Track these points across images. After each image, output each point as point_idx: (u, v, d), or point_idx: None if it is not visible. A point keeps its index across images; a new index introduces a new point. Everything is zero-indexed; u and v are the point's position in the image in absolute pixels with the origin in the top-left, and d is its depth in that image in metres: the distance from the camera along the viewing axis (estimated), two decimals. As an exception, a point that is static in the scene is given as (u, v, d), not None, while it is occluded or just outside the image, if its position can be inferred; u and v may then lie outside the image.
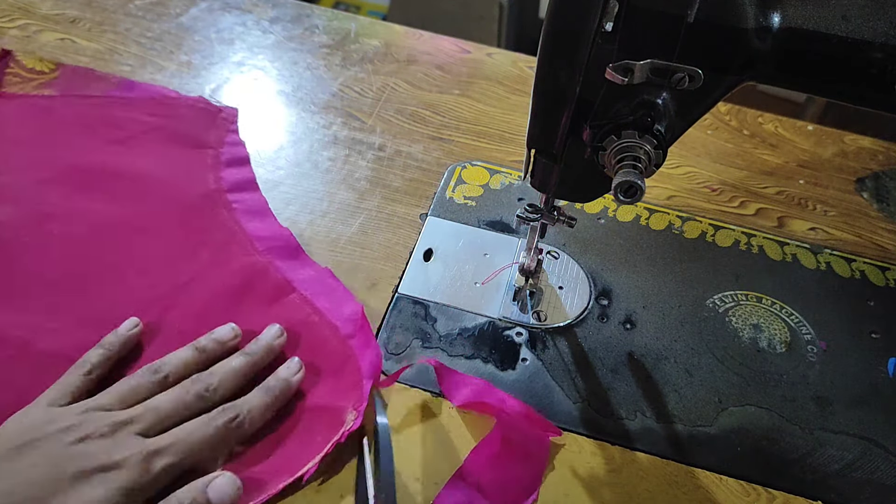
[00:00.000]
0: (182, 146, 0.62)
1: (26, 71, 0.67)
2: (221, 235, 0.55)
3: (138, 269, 0.53)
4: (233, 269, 0.53)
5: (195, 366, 0.46)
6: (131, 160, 0.60)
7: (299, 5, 0.83)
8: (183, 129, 0.63)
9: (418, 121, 0.70)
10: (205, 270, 0.53)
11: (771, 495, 0.46)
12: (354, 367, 0.48)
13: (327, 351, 0.49)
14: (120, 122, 0.63)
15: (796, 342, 0.55)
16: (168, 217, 0.56)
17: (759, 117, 0.76)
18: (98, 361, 0.46)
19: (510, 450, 0.45)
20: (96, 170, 0.59)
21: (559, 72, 0.38)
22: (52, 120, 0.63)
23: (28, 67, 0.68)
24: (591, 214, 0.63)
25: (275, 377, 0.46)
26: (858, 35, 0.35)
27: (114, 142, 0.61)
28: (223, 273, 0.53)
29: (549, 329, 0.53)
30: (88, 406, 0.42)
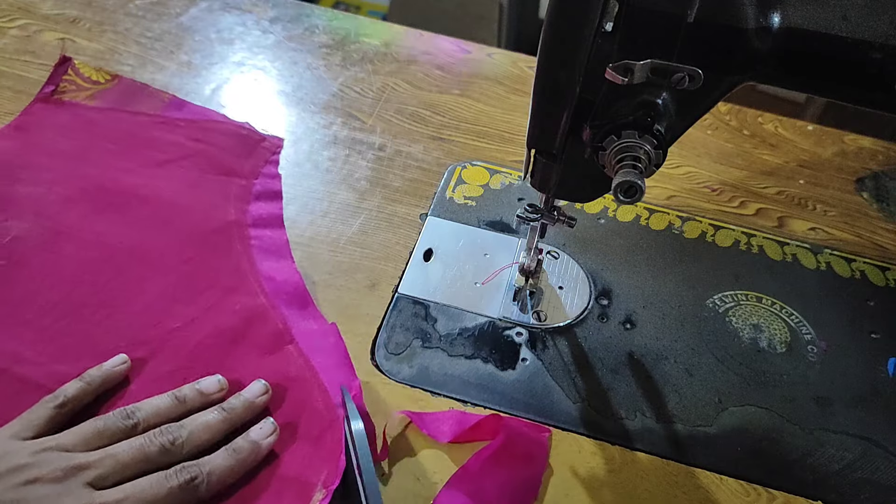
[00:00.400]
0: (217, 173, 0.61)
1: (82, 79, 0.67)
2: (230, 276, 0.53)
3: (137, 305, 0.51)
4: (233, 310, 0.51)
5: (170, 416, 0.43)
6: (162, 185, 0.59)
7: (299, 5, 0.83)
8: (221, 157, 0.62)
9: (418, 121, 0.70)
10: (203, 313, 0.51)
11: (771, 495, 0.46)
12: (336, 436, 0.44)
13: (311, 414, 0.46)
14: (160, 145, 0.62)
15: (796, 342, 0.55)
16: (182, 251, 0.55)
17: (759, 117, 0.75)
18: (74, 395, 0.44)
19: (510, 450, 0.45)
20: (124, 192, 0.58)
21: (559, 72, 0.38)
22: (94, 133, 0.63)
23: (85, 76, 0.68)
24: (591, 214, 0.63)
25: (244, 438, 0.43)
26: (858, 35, 0.35)
27: (150, 164, 0.60)
28: (222, 313, 0.51)
29: (549, 329, 0.53)
30: (47, 445, 0.40)
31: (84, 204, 0.57)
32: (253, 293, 0.52)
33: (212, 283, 0.53)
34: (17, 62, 0.70)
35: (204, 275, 0.53)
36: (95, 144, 0.61)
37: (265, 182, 0.61)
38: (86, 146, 0.61)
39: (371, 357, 0.51)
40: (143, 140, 0.62)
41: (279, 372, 0.48)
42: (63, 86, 0.67)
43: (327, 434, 0.45)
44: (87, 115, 0.64)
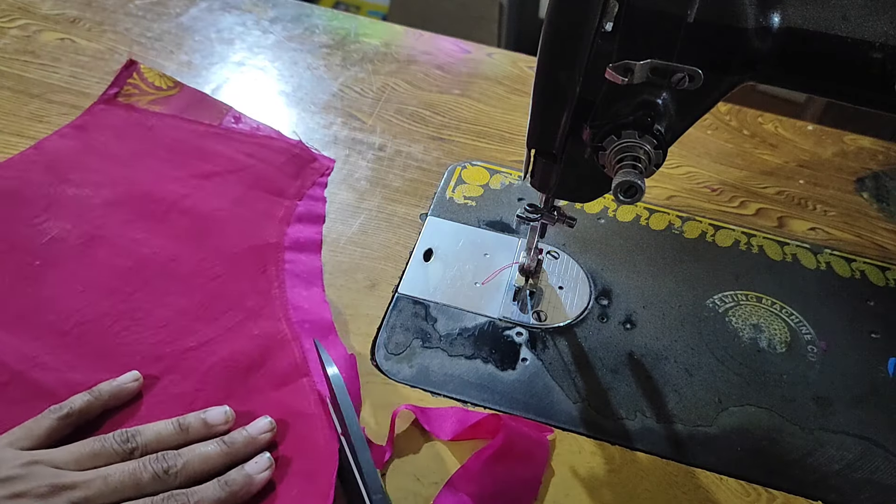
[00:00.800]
0: (262, 191, 0.59)
1: (146, 84, 0.68)
2: (256, 299, 0.52)
3: (158, 319, 0.50)
4: (252, 335, 0.49)
5: (170, 443, 0.42)
6: (206, 198, 0.58)
7: (299, 5, 0.83)
8: (270, 175, 0.61)
9: (418, 121, 0.70)
10: (221, 335, 0.49)
11: (771, 495, 0.46)
12: (329, 471, 0.42)
13: (311, 450, 0.44)
14: (211, 157, 0.62)
15: (796, 342, 0.55)
16: (212, 268, 0.53)
17: (759, 117, 0.76)
18: (80, 408, 0.43)
19: (511, 450, 0.45)
20: (167, 201, 0.57)
21: (559, 72, 0.38)
22: (150, 139, 0.63)
23: (149, 81, 0.68)
24: (591, 214, 0.63)
25: (238, 471, 0.42)
26: (858, 35, 0.35)
27: (198, 176, 0.60)
28: (241, 337, 0.49)
29: (549, 329, 0.53)
30: (39, 459, 0.39)
31: (125, 209, 0.57)
32: (276, 319, 0.51)
33: (236, 303, 0.52)
34: (17, 62, 0.70)
35: (230, 294, 0.52)
36: (149, 150, 0.62)
37: (309, 204, 0.60)
38: (139, 151, 0.61)
39: (371, 357, 0.51)
40: (196, 150, 0.62)
41: (289, 406, 0.46)
42: (127, 89, 0.67)
43: (323, 469, 0.43)
44: (147, 120, 0.64)
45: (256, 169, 0.61)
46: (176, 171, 0.60)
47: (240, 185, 0.60)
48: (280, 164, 0.62)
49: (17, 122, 0.64)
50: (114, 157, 0.61)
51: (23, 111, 0.65)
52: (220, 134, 0.64)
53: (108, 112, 0.65)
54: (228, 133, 0.64)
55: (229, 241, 0.55)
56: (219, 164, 0.61)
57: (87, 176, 0.59)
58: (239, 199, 0.59)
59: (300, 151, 0.63)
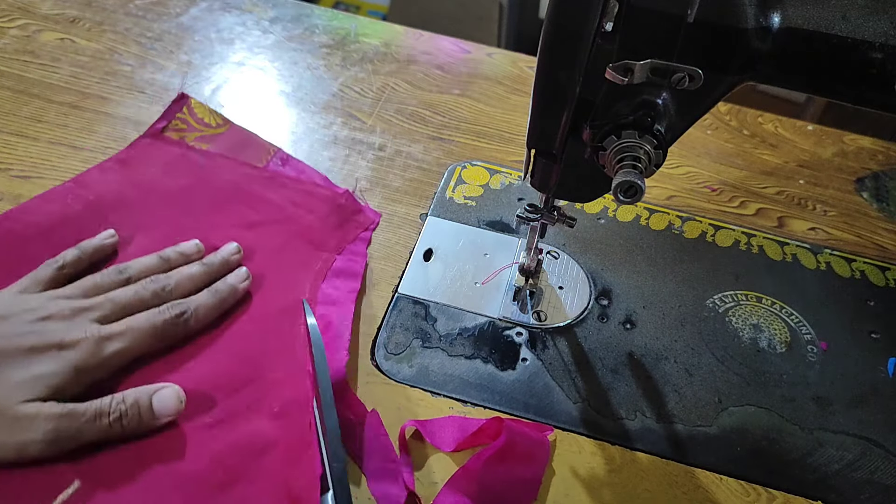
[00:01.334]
0: (303, 241, 0.57)
1: (195, 119, 0.65)
2: (282, 367, 0.48)
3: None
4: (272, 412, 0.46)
5: (156, 271, 0.50)
6: (246, 251, 0.55)
7: (299, 5, 0.83)
8: (312, 224, 0.58)
9: (418, 121, 0.70)
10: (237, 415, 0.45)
11: (771, 495, 0.46)
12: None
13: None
14: (257, 203, 0.59)
15: (796, 342, 0.55)
16: (242, 328, 0.50)
17: (759, 117, 0.76)
18: (71, 260, 0.50)
19: (511, 451, 0.45)
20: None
21: (559, 72, 0.38)
22: (199, 178, 0.60)
23: (198, 117, 0.66)
24: (591, 214, 0.63)
25: (223, 282, 0.50)
26: (858, 35, 0.35)
27: (241, 224, 0.57)
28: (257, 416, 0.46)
29: (549, 329, 0.53)
30: (54, 294, 0.46)
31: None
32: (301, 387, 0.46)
33: (260, 372, 0.48)
34: (16, 62, 0.70)
35: (256, 361, 0.48)
36: (196, 190, 0.59)
37: (348, 260, 0.56)
38: (187, 189, 0.59)
39: (371, 357, 0.51)
40: (242, 194, 0.60)
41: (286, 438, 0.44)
42: (175, 123, 0.65)
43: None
44: (196, 158, 0.62)
45: (300, 219, 0.58)
46: (218, 216, 0.57)
47: (281, 235, 0.57)
48: (324, 214, 0.59)
49: (16, 122, 0.64)
50: (159, 193, 0.59)
51: (23, 111, 0.65)
52: (267, 178, 0.61)
53: (154, 147, 0.63)
54: (275, 177, 0.62)
55: (263, 299, 0.52)
56: (263, 211, 0.58)
57: (125, 217, 0.56)
58: (278, 250, 0.56)
59: (346, 202, 0.60)
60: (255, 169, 0.62)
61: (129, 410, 0.42)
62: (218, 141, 0.64)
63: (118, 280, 0.49)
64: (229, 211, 0.58)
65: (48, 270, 0.49)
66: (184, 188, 0.60)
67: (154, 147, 0.63)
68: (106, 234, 0.53)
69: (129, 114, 0.66)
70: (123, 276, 0.49)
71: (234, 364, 0.48)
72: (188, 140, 0.64)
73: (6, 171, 0.60)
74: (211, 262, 0.52)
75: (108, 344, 0.44)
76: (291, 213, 0.59)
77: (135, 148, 0.62)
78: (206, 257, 0.52)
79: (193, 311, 0.48)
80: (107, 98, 0.68)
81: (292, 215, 0.59)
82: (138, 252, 0.53)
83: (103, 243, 0.52)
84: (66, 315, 0.44)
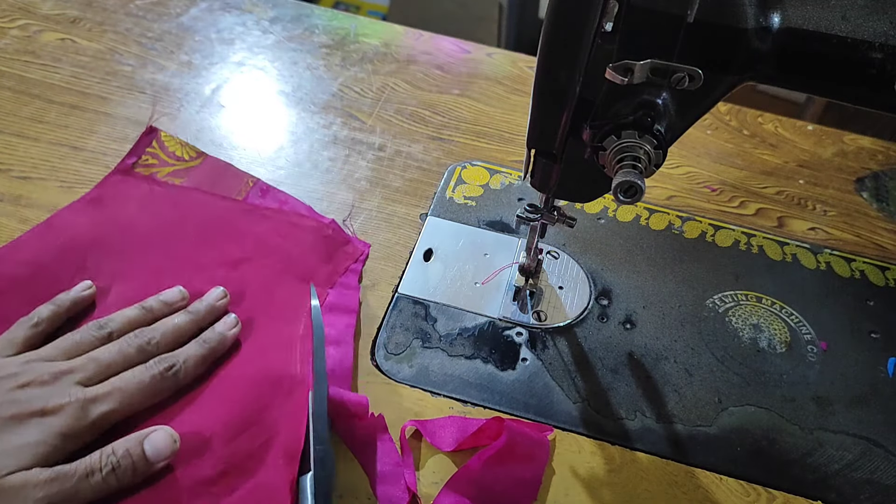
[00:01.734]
0: (293, 277, 0.54)
1: (167, 153, 0.62)
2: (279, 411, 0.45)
3: None
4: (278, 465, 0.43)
5: (139, 324, 0.47)
6: (233, 293, 0.51)
7: (299, 5, 0.83)
8: (300, 257, 0.55)
9: (418, 121, 0.70)
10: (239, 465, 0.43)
11: (771, 495, 0.46)
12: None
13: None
14: (240, 239, 0.56)
15: (796, 342, 0.55)
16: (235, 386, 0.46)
17: (759, 117, 0.76)
18: (47, 316, 0.47)
19: (511, 451, 0.45)
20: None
21: (559, 72, 0.38)
22: (176, 216, 0.57)
23: (170, 150, 0.62)
24: (591, 214, 0.63)
25: (211, 331, 0.48)
26: (858, 35, 0.35)
27: (226, 265, 0.54)
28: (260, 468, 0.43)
29: (549, 329, 0.53)
30: (31, 357, 0.43)
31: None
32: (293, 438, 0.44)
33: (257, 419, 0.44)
34: (17, 62, 0.70)
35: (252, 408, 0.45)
36: (176, 229, 0.56)
37: (341, 294, 0.53)
38: (165, 229, 0.56)
39: (371, 357, 0.51)
40: (223, 230, 0.56)
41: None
42: (145, 159, 0.61)
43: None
44: (172, 194, 0.58)
45: (287, 253, 0.55)
46: (202, 257, 0.54)
47: (269, 272, 0.54)
48: (311, 246, 0.56)
49: (17, 122, 0.64)
50: (136, 236, 0.55)
51: (23, 111, 0.65)
52: (248, 211, 0.58)
53: (125, 184, 0.59)
54: (257, 209, 0.59)
55: (252, 343, 0.49)
56: (247, 247, 0.55)
57: (103, 264, 0.53)
58: (267, 289, 0.53)
59: (332, 233, 0.57)
60: (234, 202, 0.59)
61: (122, 461, 0.40)
62: (192, 175, 0.61)
63: (99, 336, 0.45)
64: (212, 249, 0.55)
65: (23, 330, 0.45)
66: (161, 228, 0.56)
67: (125, 184, 0.59)
68: (83, 285, 0.50)
69: (130, 114, 0.66)
70: (105, 331, 0.46)
71: (229, 412, 0.45)
72: (160, 175, 0.60)
73: (7, 171, 0.60)
74: (197, 310, 0.49)
75: (94, 407, 0.41)
76: (277, 247, 0.56)
77: (105, 186, 0.59)
78: (192, 305, 0.49)
79: (182, 363, 0.45)
80: (107, 98, 0.68)
81: (278, 250, 0.55)
82: (118, 302, 0.50)
83: (80, 295, 0.49)
84: (47, 380, 0.42)
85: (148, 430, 0.42)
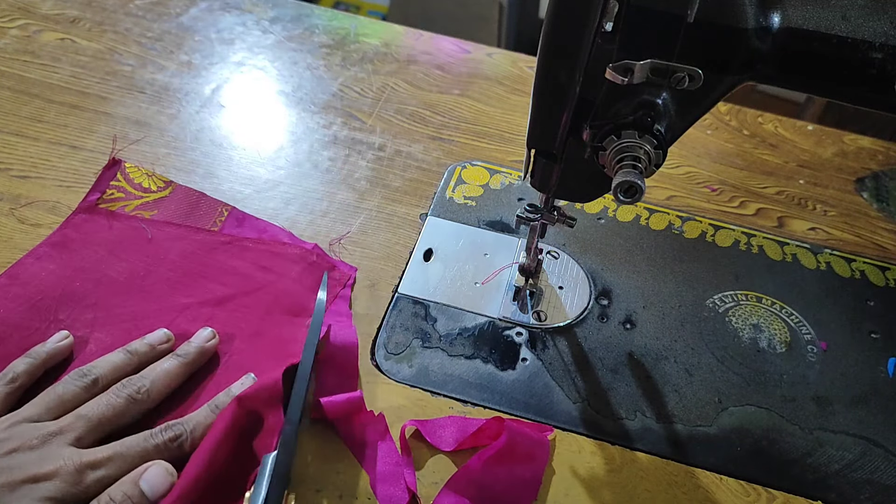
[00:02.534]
0: (281, 313, 0.51)
1: (133, 186, 0.58)
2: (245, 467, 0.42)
3: None
4: None
5: (125, 369, 0.44)
6: (221, 334, 0.49)
7: (299, 5, 0.83)
8: (287, 289, 0.53)
9: (418, 121, 0.70)
10: None
11: (771, 495, 0.46)
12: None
13: None
14: (221, 275, 0.53)
15: (796, 342, 0.55)
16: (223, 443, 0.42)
17: (759, 117, 0.76)
18: (24, 370, 0.44)
19: (511, 451, 0.45)
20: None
21: (559, 72, 0.38)
22: (151, 254, 0.54)
23: (136, 182, 0.58)
24: (591, 214, 0.63)
25: (226, 394, 0.44)
26: (858, 35, 0.35)
27: (210, 303, 0.51)
28: None
29: (549, 329, 0.53)
30: (14, 419, 0.40)
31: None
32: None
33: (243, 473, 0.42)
34: (17, 62, 0.70)
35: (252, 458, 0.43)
36: (151, 269, 0.53)
37: (334, 321, 0.51)
38: (140, 270, 0.53)
39: (371, 357, 0.51)
40: (203, 267, 0.54)
41: None
42: (110, 193, 0.57)
43: None
44: (142, 230, 0.55)
45: (273, 286, 0.53)
46: (184, 297, 0.51)
47: (256, 308, 0.51)
48: (297, 275, 0.54)
49: (16, 121, 0.64)
50: (110, 279, 0.52)
51: (23, 111, 0.65)
52: (226, 243, 0.55)
53: (92, 223, 0.55)
54: (235, 241, 0.56)
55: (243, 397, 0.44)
56: (230, 283, 0.53)
57: (78, 313, 0.49)
58: (256, 328, 0.50)
59: (317, 259, 0.55)
60: (210, 234, 0.56)
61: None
62: (163, 206, 0.57)
63: (84, 386, 0.42)
64: (193, 288, 0.52)
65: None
66: (137, 269, 0.53)
67: (92, 223, 0.55)
68: (59, 335, 0.46)
69: (129, 114, 0.66)
70: (88, 379, 0.43)
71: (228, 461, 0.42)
72: (129, 209, 0.56)
73: (6, 170, 0.60)
74: (186, 353, 0.46)
75: (92, 472, 0.39)
76: (261, 280, 0.53)
77: (69, 227, 0.55)
78: (180, 347, 0.47)
79: (189, 433, 0.42)
80: (107, 98, 0.68)
81: (263, 283, 0.53)
82: (99, 351, 0.47)
83: (57, 346, 0.46)
84: (36, 444, 0.39)
85: (142, 467, 0.40)
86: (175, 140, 0.65)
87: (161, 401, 0.44)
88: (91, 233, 0.55)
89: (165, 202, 0.58)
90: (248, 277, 0.53)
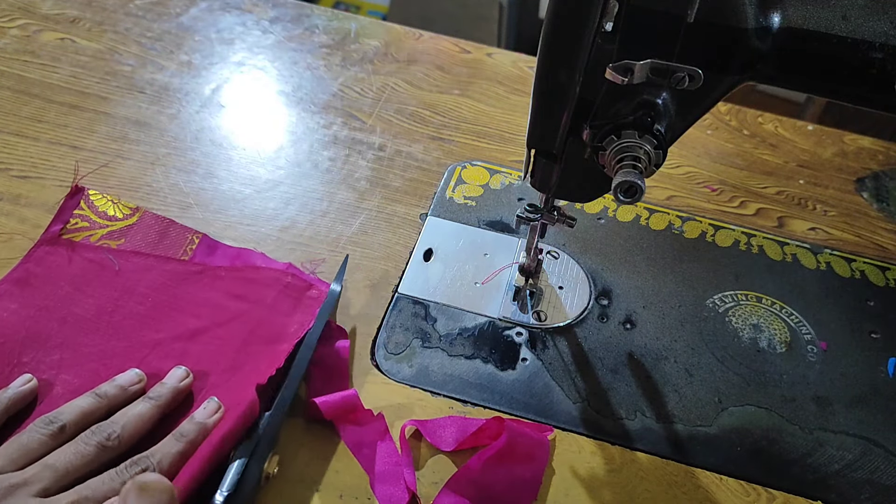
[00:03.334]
0: (258, 343, 0.49)
1: (97, 214, 0.55)
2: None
3: None
4: None
5: (95, 414, 0.42)
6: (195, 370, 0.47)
7: (299, 5, 0.83)
8: (263, 317, 0.51)
9: (418, 121, 0.70)
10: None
11: (771, 495, 0.46)
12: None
13: None
14: (194, 307, 0.51)
15: (796, 342, 0.55)
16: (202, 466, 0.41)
17: (759, 117, 0.76)
18: None
19: (511, 451, 0.45)
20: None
21: (559, 72, 0.38)
22: (118, 288, 0.51)
23: (100, 210, 0.56)
24: (591, 214, 0.63)
25: (189, 421, 0.42)
26: (858, 35, 0.35)
27: (183, 338, 0.49)
28: None
29: (549, 329, 0.53)
30: None
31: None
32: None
33: None
34: (16, 62, 0.70)
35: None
36: (118, 306, 0.50)
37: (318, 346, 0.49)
38: (107, 306, 0.50)
39: (371, 357, 0.51)
40: (175, 300, 0.51)
41: None
42: (74, 222, 0.54)
43: None
44: (108, 262, 0.52)
45: (247, 315, 0.51)
46: (155, 332, 0.49)
47: (232, 340, 0.49)
48: (272, 301, 0.52)
49: (16, 121, 0.64)
50: (76, 317, 0.49)
51: (23, 111, 0.65)
52: (197, 273, 0.53)
53: (54, 256, 0.52)
54: (208, 270, 0.53)
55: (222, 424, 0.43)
56: (204, 315, 0.50)
57: (43, 355, 0.47)
58: (232, 360, 0.48)
59: (292, 279, 0.53)
60: (181, 264, 0.53)
61: None
62: (130, 235, 0.55)
63: (50, 433, 0.40)
64: (164, 322, 0.50)
65: None
66: (104, 304, 0.50)
67: (55, 256, 0.52)
68: (22, 379, 0.44)
69: (129, 114, 0.66)
70: (55, 426, 0.40)
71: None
72: (94, 240, 0.54)
73: (6, 171, 0.60)
74: (159, 395, 0.43)
75: None
76: (235, 310, 0.51)
77: (31, 261, 0.52)
78: (152, 389, 0.44)
79: (156, 465, 0.39)
80: (107, 98, 0.68)
81: (237, 312, 0.51)
82: (66, 394, 0.44)
83: (19, 391, 0.43)
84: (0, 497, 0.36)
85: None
86: (175, 140, 0.65)
87: (133, 445, 0.41)
88: (54, 267, 0.52)
89: (133, 230, 0.55)
90: (222, 308, 0.51)
